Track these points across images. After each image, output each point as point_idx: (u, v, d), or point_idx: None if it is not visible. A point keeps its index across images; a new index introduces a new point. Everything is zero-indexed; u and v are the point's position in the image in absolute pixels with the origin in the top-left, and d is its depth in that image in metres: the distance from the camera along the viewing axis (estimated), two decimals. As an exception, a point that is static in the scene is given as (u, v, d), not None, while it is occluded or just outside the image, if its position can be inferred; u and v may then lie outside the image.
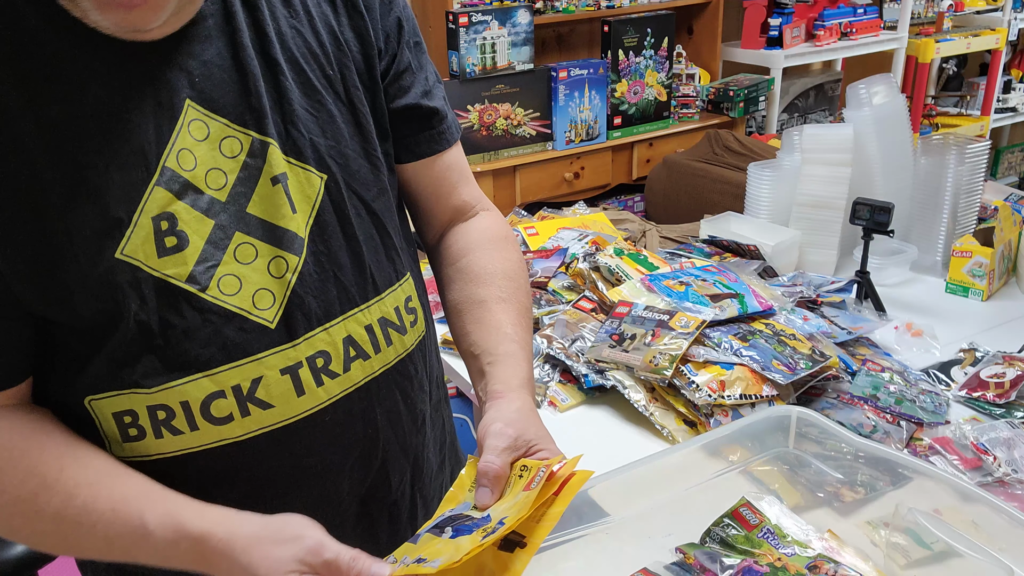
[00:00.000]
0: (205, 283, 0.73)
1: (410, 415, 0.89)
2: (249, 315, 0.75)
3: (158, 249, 0.71)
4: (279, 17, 0.78)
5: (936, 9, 4.11)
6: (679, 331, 1.30)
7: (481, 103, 2.88)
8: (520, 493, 0.70)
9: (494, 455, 0.74)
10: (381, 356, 0.83)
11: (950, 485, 0.86)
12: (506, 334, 0.87)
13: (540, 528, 0.67)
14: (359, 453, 0.84)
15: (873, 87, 1.83)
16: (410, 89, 0.88)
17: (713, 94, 3.39)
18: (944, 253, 1.80)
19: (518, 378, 0.83)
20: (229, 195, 0.74)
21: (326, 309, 0.78)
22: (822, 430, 0.94)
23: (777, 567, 0.78)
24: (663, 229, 2.08)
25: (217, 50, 0.73)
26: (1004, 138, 4.73)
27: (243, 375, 0.75)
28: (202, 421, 0.75)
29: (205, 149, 0.73)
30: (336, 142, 0.80)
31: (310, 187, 0.78)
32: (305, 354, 0.77)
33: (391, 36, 0.86)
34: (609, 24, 3.07)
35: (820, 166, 1.76)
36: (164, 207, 0.71)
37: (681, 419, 1.25)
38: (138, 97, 0.69)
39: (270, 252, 0.76)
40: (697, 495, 0.92)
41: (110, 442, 0.76)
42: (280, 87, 0.76)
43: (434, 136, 0.91)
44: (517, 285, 0.92)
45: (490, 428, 0.76)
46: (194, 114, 0.72)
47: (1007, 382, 1.31)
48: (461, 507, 0.74)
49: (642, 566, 0.83)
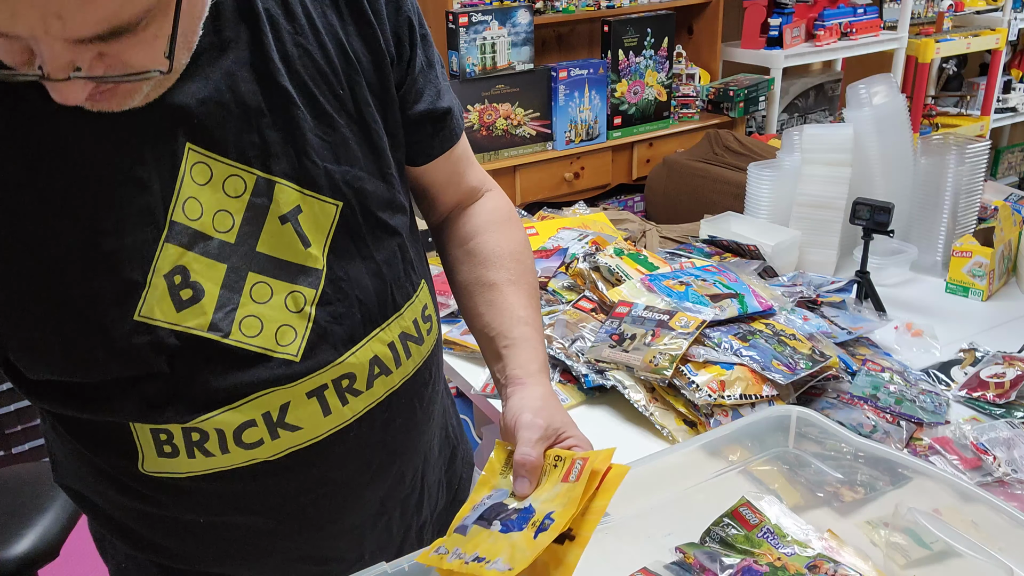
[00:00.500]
0: (227, 329, 0.73)
1: (424, 415, 0.90)
2: (274, 353, 0.75)
3: (175, 304, 0.70)
4: (283, 36, 0.74)
5: (936, 9, 4.11)
6: (679, 331, 1.30)
7: (481, 103, 2.88)
8: (558, 484, 0.72)
9: (529, 447, 0.75)
10: (402, 369, 0.84)
11: (950, 485, 0.86)
12: (520, 317, 0.89)
13: (587, 521, 0.68)
14: (380, 461, 0.85)
15: (873, 87, 1.83)
16: (423, 92, 0.86)
17: (713, 94, 3.39)
18: (944, 253, 1.80)
19: (536, 363, 0.85)
20: (238, 236, 0.73)
21: (351, 334, 0.79)
22: (822, 430, 0.94)
23: (777, 567, 0.78)
24: (663, 229, 2.08)
25: (215, 86, 0.70)
26: (1004, 138, 4.73)
27: (271, 403, 0.76)
28: (233, 446, 0.76)
29: (209, 192, 0.71)
30: (350, 166, 0.78)
31: (324, 217, 0.77)
32: (331, 377, 0.78)
33: (403, 39, 0.83)
34: (609, 24, 3.07)
35: (820, 166, 1.76)
36: (175, 261, 0.70)
37: (681, 419, 1.25)
38: (138, 154, 0.68)
39: (285, 288, 0.75)
40: (697, 495, 0.92)
41: (145, 456, 0.76)
42: (291, 117, 0.74)
43: (446, 135, 0.91)
44: (525, 267, 0.94)
45: (520, 418, 0.78)
46: (195, 157, 0.70)
47: (1007, 382, 1.31)
48: (497, 494, 0.76)
49: (642, 566, 0.83)
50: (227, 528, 0.82)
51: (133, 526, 0.85)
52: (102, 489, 0.83)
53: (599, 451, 0.73)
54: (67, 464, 0.87)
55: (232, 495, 0.79)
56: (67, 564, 1.74)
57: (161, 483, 0.78)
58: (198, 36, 0.67)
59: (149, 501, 0.80)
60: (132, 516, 0.84)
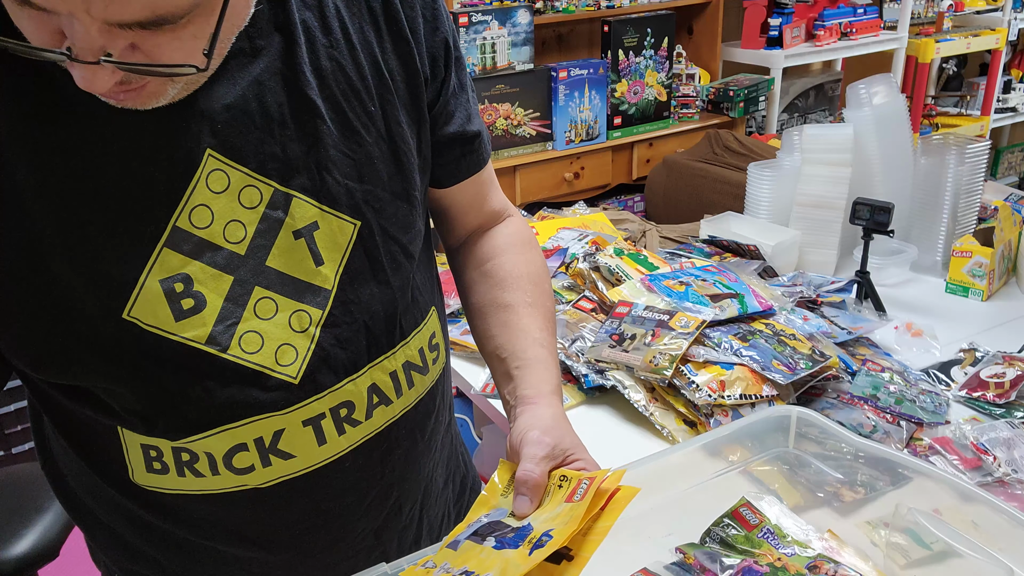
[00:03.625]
0: (226, 343, 0.70)
1: (425, 447, 0.88)
2: (272, 372, 0.72)
3: (174, 313, 0.68)
4: (318, 49, 0.72)
5: (936, 9, 4.11)
6: (679, 331, 1.30)
7: (481, 103, 2.88)
8: (561, 504, 0.68)
9: (533, 463, 0.72)
10: (402, 400, 0.81)
11: (950, 485, 0.86)
12: (535, 339, 0.85)
13: (589, 542, 0.65)
14: (376, 494, 0.83)
15: (873, 87, 1.83)
16: (455, 114, 0.85)
17: (713, 94, 3.39)
18: (944, 253, 1.80)
19: (549, 384, 0.82)
20: (248, 248, 0.70)
21: (354, 360, 0.76)
22: (822, 430, 0.94)
23: (777, 567, 0.78)
24: (663, 229, 2.08)
25: (242, 92, 0.68)
26: (1004, 138, 4.73)
27: (265, 429, 0.74)
28: (224, 469, 0.74)
29: (224, 201, 0.69)
30: (373, 186, 0.76)
31: (342, 235, 0.74)
32: (329, 405, 0.76)
33: (438, 60, 0.81)
34: (609, 24, 3.07)
35: (820, 166, 1.76)
36: (177, 269, 0.68)
37: (681, 419, 1.25)
38: (152, 154, 0.66)
39: (291, 306, 0.73)
40: (697, 495, 0.92)
41: (134, 468, 0.75)
42: (316, 131, 0.72)
43: (473, 159, 0.89)
44: (542, 290, 0.91)
45: (527, 435, 0.75)
46: (214, 164, 0.68)
47: (1007, 382, 1.31)
48: (496, 512, 0.72)
49: (642, 566, 0.83)
50: (218, 551, 0.81)
51: (129, 538, 0.84)
52: (97, 493, 0.83)
53: (609, 471, 0.70)
54: (64, 464, 0.86)
55: (222, 520, 0.78)
56: (67, 564, 1.74)
57: (152, 496, 0.77)
58: (231, 43, 0.65)
59: (143, 510, 0.79)
60: (126, 525, 0.83)
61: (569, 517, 0.66)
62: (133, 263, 0.67)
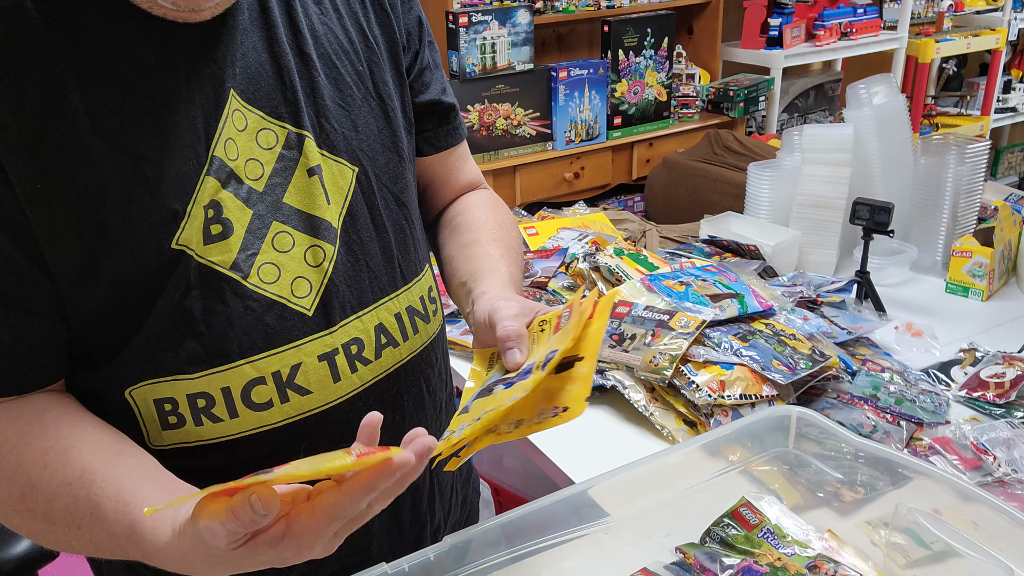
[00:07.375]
0: (247, 271, 0.74)
1: (432, 402, 0.91)
2: (288, 303, 0.76)
3: (204, 237, 0.72)
4: (311, 14, 0.80)
5: (936, 9, 4.11)
6: (679, 331, 1.30)
7: (481, 103, 2.88)
8: (551, 337, 0.70)
9: (509, 320, 0.74)
10: (409, 344, 0.85)
11: (950, 485, 0.86)
12: (494, 259, 0.89)
13: (590, 343, 0.67)
14: (388, 438, 0.84)
15: (873, 87, 1.83)
16: (430, 85, 0.92)
17: (713, 94, 3.39)
18: (944, 253, 1.80)
19: (502, 281, 0.85)
20: (266, 186, 0.75)
21: (359, 297, 0.80)
22: (822, 430, 0.94)
23: (777, 567, 0.78)
24: (663, 229, 2.08)
25: (253, 43, 0.75)
26: (1004, 138, 4.73)
27: (282, 362, 0.76)
28: (242, 408, 0.75)
29: (245, 140, 0.74)
30: (366, 136, 0.82)
31: (343, 179, 0.80)
32: (340, 341, 0.79)
33: (412, 33, 0.89)
34: (609, 24, 3.07)
35: (820, 166, 1.77)
36: (212, 195, 0.72)
37: (681, 419, 1.25)
38: (187, 90, 0.71)
39: (307, 241, 0.77)
40: (697, 495, 0.92)
41: (149, 431, 0.76)
42: (313, 82, 0.78)
43: (451, 131, 0.96)
44: (508, 233, 0.96)
45: (494, 305, 0.77)
46: (236, 104, 0.74)
47: (1007, 382, 1.31)
48: (490, 381, 0.74)
49: (642, 566, 0.83)
50: None
51: None
52: None
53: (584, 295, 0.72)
54: None
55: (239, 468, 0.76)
56: (67, 564, 1.74)
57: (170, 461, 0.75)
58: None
59: None
60: None
61: (564, 337, 0.67)
62: (184, 194, 0.71)
